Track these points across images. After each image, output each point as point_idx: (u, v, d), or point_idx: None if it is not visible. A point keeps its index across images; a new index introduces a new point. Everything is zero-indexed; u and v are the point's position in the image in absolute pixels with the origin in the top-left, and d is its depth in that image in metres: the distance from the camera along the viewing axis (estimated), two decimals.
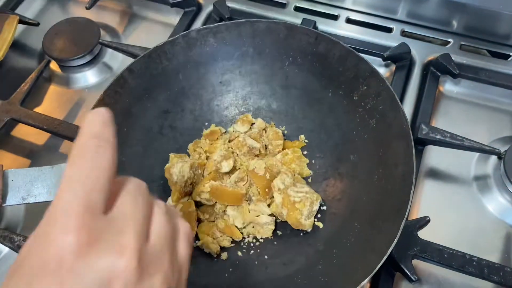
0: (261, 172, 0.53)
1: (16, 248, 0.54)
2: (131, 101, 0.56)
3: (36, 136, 0.68)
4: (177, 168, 0.52)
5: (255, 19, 0.58)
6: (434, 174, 0.61)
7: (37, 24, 0.76)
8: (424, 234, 0.52)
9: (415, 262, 0.51)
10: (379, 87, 0.51)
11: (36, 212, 0.61)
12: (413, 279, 0.50)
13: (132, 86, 0.56)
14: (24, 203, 0.46)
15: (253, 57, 0.60)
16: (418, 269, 0.53)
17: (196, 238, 0.53)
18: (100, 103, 0.53)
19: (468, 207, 0.58)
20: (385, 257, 0.41)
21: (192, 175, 0.53)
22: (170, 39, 0.57)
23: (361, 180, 0.51)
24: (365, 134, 0.52)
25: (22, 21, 0.75)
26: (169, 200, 0.54)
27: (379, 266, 0.41)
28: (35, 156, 0.67)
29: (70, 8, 0.85)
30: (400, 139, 0.48)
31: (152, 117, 0.58)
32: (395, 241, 0.41)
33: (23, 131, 0.69)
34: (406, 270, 0.50)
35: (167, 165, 0.54)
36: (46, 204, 0.47)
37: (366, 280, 0.41)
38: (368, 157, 0.51)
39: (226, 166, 0.54)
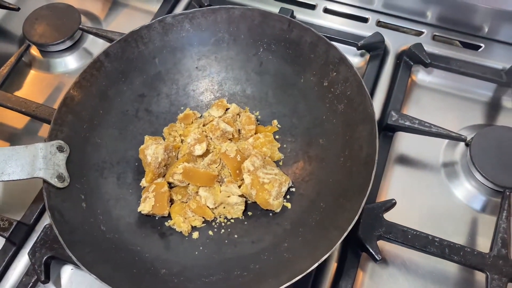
0: (232, 154, 0.54)
1: None
2: (107, 84, 0.57)
3: (15, 120, 0.69)
4: (151, 149, 0.53)
5: (231, 6, 0.59)
6: (404, 160, 0.63)
7: (18, 9, 0.76)
8: (392, 217, 0.54)
9: (381, 243, 0.53)
10: (347, 73, 0.53)
11: (11, 192, 0.62)
12: (377, 258, 0.51)
13: (109, 70, 0.57)
14: None
15: (228, 43, 0.61)
16: (385, 251, 0.55)
17: (169, 217, 0.54)
18: (76, 85, 0.55)
19: (436, 192, 0.60)
20: (345, 233, 0.43)
21: (166, 157, 0.54)
22: (147, 24, 0.58)
23: (328, 163, 0.53)
24: (334, 118, 0.54)
25: (2, 5, 0.75)
26: (143, 180, 0.56)
27: (339, 241, 0.42)
28: (14, 139, 0.68)
29: None
30: (365, 123, 0.49)
31: (128, 101, 0.59)
32: (356, 217, 0.43)
33: (2, 115, 0.70)
34: (371, 250, 0.52)
35: (141, 146, 0.56)
36: (22, 184, 0.49)
37: (327, 254, 0.42)
38: (336, 141, 0.53)
39: (199, 149, 0.56)
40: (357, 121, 0.51)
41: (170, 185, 0.56)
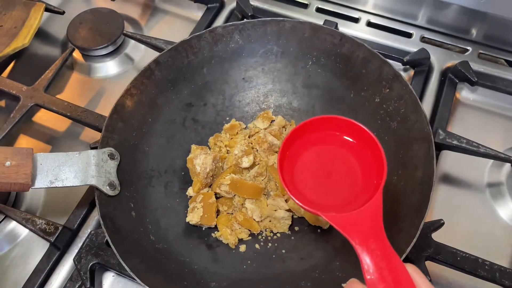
0: None
1: (37, 230, 0.55)
2: (156, 92, 0.57)
3: (56, 123, 0.70)
4: (201, 159, 0.53)
5: (281, 18, 0.59)
6: (449, 179, 0.62)
7: (63, 13, 0.77)
8: (437, 236, 0.53)
9: (428, 264, 0.52)
10: (402, 91, 0.52)
11: (54, 197, 0.62)
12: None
13: (158, 78, 0.57)
14: (51, 187, 0.48)
15: (277, 55, 0.61)
16: (430, 271, 0.54)
17: (215, 229, 0.54)
18: (127, 92, 0.55)
19: (481, 213, 0.60)
20: (404, 256, 0.42)
21: (213, 167, 0.54)
22: (197, 34, 0.59)
23: None
24: (386, 136, 0.53)
25: (48, 9, 0.76)
26: (190, 190, 0.55)
27: None
28: (55, 142, 0.68)
29: None
30: (421, 142, 0.49)
31: (176, 109, 0.59)
32: (414, 240, 0.43)
33: (44, 117, 0.70)
34: None
35: (190, 155, 0.56)
36: (65, 188, 0.49)
37: None
38: (388, 159, 0.52)
39: (246, 162, 0.55)
40: (412, 139, 0.50)
41: (216, 196, 0.55)
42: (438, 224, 0.54)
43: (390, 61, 0.70)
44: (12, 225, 0.60)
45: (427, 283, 0.34)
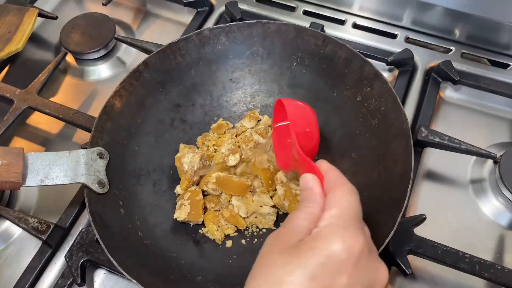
0: (265, 165, 0.55)
1: (30, 229, 0.57)
2: (145, 93, 0.59)
3: (50, 125, 0.71)
4: (188, 158, 0.55)
5: (266, 21, 0.61)
6: (432, 175, 0.64)
7: (55, 18, 0.79)
8: (421, 232, 0.55)
9: (410, 258, 0.54)
10: (382, 89, 0.54)
11: (47, 197, 0.64)
12: (408, 272, 0.52)
13: (147, 80, 0.59)
14: (42, 185, 0.49)
15: (262, 56, 0.62)
16: (413, 266, 0.55)
17: (202, 225, 0.56)
18: (116, 94, 0.56)
19: (464, 208, 0.61)
20: (381, 248, 0.43)
21: (201, 166, 0.56)
22: (185, 36, 0.60)
23: (362, 176, 0.54)
24: (367, 133, 0.55)
25: (41, 14, 0.78)
26: (178, 188, 0.57)
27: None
28: (49, 144, 0.70)
29: (85, 3, 0.88)
30: (400, 139, 0.50)
31: (165, 110, 0.60)
32: (392, 233, 0.44)
33: (37, 120, 0.72)
34: (401, 264, 0.52)
35: (178, 154, 0.57)
36: (57, 188, 0.51)
37: None
38: (369, 155, 0.54)
39: (232, 160, 0.57)
40: (392, 136, 0.52)
41: (204, 193, 0.57)
42: (419, 219, 0.55)
43: (375, 62, 0.72)
44: (6, 225, 0.61)
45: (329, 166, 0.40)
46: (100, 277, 0.57)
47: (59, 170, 0.50)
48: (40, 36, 0.82)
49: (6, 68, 0.78)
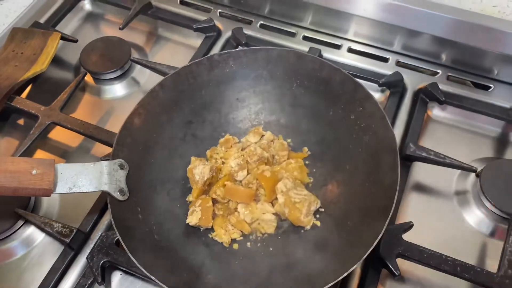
0: (268, 174, 0.62)
1: (55, 233, 0.62)
2: (161, 111, 0.65)
3: (70, 139, 0.77)
4: (199, 169, 0.61)
5: (270, 47, 0.68)
6: (420, 187, 0.69)
7: (76, 41, 0.86)
8: (409, 238, 0.60)
9: (399, 262, 0.59)
10: (373, 109, 0.60)
11: (68, 204, 0.70)
12: (396, 274, 0.57)
13: (162, 99, 0.65)
14: (70, 192, 0.55)
15: (266, 78, 0.69)
16: (402, 270, 0.60)
17: (212, 230, 0.62)
18: (135, 111, 0.63)
19: (449, 218, 0.66)
20: (371, 248, 0.49)
21: (210, 176, 0.62)
22: (196, 60, 0.67)
23: (355, 187, 0.60)
24: (359, 148, 0.61)
25: (63, 37, 0.85)
26: (189, 196, 0.63)
27: (365, 256, 0.49)
28: (69, 156, 0.76)
29: (102, 27, 0.95)
30: (388, 153, 0.56)
31: (178, 126, 0.67)
32: (380, 236, 0.50)
33: (58, 134, 0.78)
34: (390, 266, 0.58)
35: (189, 166, 0.64)
36: (76, 196, 0.56)
37: (353, 267, 0.49)
38: (361, 167, 0.60)
39: (241, 175, 0.63)
40: (381, 151, 0.58)
41: (213, 201, 0.63)
42: (407, 226, 0.60)
43: (369, 83, 0.79)
44: (30, 230, 0.66)
45: None
46: (117, 277, 0.62)
47: (85, 179, 0.56)
48: (61, 57, 0.88)
49: (29, 87, 0.84)
